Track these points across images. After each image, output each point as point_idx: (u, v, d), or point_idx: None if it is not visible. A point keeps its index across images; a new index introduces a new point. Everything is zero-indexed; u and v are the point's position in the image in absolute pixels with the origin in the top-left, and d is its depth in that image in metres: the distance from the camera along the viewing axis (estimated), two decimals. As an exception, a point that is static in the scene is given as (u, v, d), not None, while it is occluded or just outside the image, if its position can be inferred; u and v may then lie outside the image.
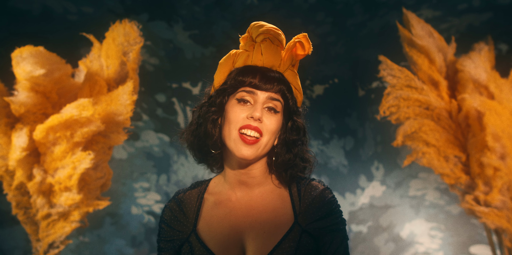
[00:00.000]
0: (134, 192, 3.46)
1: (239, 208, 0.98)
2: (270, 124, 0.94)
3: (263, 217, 0.95)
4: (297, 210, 0.97)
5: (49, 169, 1.85)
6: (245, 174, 0.98)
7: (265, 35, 0.95)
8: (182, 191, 1.04)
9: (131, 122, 1.88)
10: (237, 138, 0.92)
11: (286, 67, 0.98)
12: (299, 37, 0.98)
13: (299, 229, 0.95)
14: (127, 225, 3.38)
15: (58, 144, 1.81)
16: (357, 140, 4.18)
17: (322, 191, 1.00)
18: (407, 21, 2.44)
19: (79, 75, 2.15)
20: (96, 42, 2.16)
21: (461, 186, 2.20)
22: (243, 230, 0.95)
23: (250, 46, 0.98)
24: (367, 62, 3.69)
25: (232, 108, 0.94)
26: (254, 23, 0.98)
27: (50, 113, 1.91)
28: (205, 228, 0.97)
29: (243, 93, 0.94)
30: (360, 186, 4.09)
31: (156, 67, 3.65)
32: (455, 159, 2.18)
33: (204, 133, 0.96)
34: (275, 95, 0.95)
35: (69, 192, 1.81)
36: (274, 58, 0.96)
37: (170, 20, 3.66)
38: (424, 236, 3.84)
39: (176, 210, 1.00)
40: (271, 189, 1.00)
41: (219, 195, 1.01)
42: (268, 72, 0.96)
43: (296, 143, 0.98)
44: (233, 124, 0.93)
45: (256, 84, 0.94)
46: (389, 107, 2.23)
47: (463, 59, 2.31)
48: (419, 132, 2.16)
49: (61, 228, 1.83)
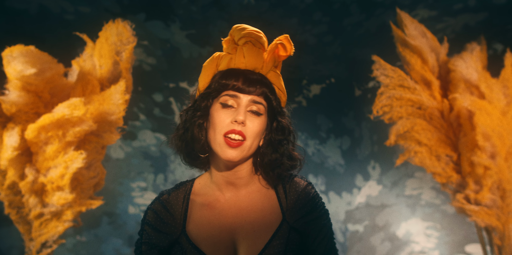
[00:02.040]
0: (131, 191, 3.46)
1: (228, 208, 0.99)
2: (253, 127, 0.96)
3: (252, 217, 0.97)
4: (284, 208, 0.99)
5: (41, 168, 1.85)
6: (232, 175, 0.99)
7: (246, 38, 0.97)
8: (165, 192, 1.04)
9: (127, 122, 1.87)
10: (222, 142, 0.94)
11: (269, 69, 1.00)
12: (280, 38, 0.99)
13: (287, 226, 0.97)
14: (124, 224, 3.38)
15: (50, 143, 1.81)
16: (353, 139, 4.18)
17: (305, 187, 1.02)
18: (401, 21, 2.43)
19: (72, 75, 2.15)
20: (90, 42, 2.16)
21: (452, 185, 2.20)
22: (233, 230, 0.96)
23: (232, 49, 1.00)
24: (364, 62, 3.68)
25: (216, 113, 0.96)
26: (236, 26, 1.00)
27: (42, 112, 1.91)
28: (195, 229, 0.97)
29: (226, 97, 0.96)
30: (357, 185, 4.09)
31: (153, 67, 3.65)
32: (447, 158, 2.18)
33: (191, 138, 0.98)
34: (258, 98, 0.97)
35: (62, 192, 1.81)
36: (256, 60, 0.98)
37: (167, 20, 3.65)
38: (420, 235, 3.84)
39: (161, 211, 1.00)
40: (257, 189, 1.02)
41: (206, 196, 1.01)
42: (251, 75, 0.97)
43: (281, 143, 1.00)
44: (218, 129, 0.95)
45: (239, 87, 0.96)
46: (382, 106, 2.23)
47: (455, 59, 2.31)
48: (411, 131, 2.16)
49: (53, 228, 1.83)
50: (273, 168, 0.99)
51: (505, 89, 2.26)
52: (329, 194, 4.02)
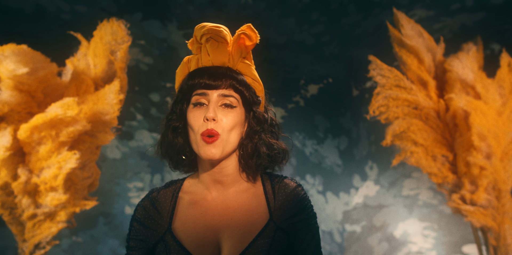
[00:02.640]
0: (127, 191, 3.45)
1: (214, 207, 0.99)
2: (226, 121, 0.96)
3: (238, 216, 0.98)
4: (271, 208, 0.99)
5: (34, 169, 1.84)
6: (218, 173, 0.99)
7: (207, 35, 0.97)
8: (156, 189, 1.05)
9: (124, 122, 1.85)
10: (200, 140, 0.95)
11: (237, 61, 1.00)
12: (242, 28, 0.99)
13: (274, 225, 0.97)
14: (120, 225, 3.37)
15: (43, 143, 1.79)
16: (351, 139, 4.18)
17: (294, 188, 1.02)
18: (397, 21, 2.43)
19: (66, 74, 2.14)
20: (84, 41, 2.15)
21: (448, 185, 2.20)
22: (219, 229, 0.97)
23: (197, 49, 1.00)
24: (361, 62, 3.67)
25: (190, 114, 0.97)
26: (197, 26, 0.99)
27: (35, 112, 1.90)
28: (181, 227, 0.98)
29: (196, 97, 0.96)
30: (354, 186, 4.09)
31: (150, 67, 3.63)
32: (443, 158, 2.18)
33: (167, 143, 0.99)
34: (227, 92, 0.96)
35: (55, 192, 1.80)
36: (221, 55, 0.98)
37: (164, 19, 3.64)
38: (417, 235, 3.83)
39: (150, 208, 1.01)
40: (245, 188, 1.02)
41: (194, 195, 1.02)
42: (216, 70, 0.97)
43: (257, 132, 1.00)
44: (195, 130, 0.96)
45: (206, 83, 0.95)
46: (379, 107, 2.22)
47: (451, 59, 2.31)
48: (407, 132, 2.16)
49: (47, 229, 1.81)
50: (251, 157, 1.00)
51: (501, 90, 2.26)
52: (326, 194, 4.02)
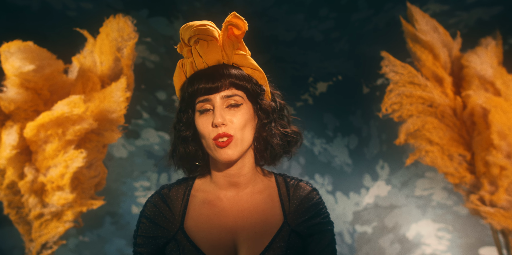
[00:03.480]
0: (134, 191, 3.45)
1: (229, 208, 0.98)
2: (236, 121, 0.94)
3: (253, 218, 0.96)
4: (286, 210, 0.99)
5: (41, 168, 1.84)
6: (234, 174, 0.99)
7: (194, 37, 0.95)
8: (166, 186, 1.03)
9: (130, 120, 1.84)
10: (213, 145, 0.94)
11: (231, 55, 0.97)
12: (228, 19, 0.96)
13: (288, 228, 0.97)
14: (127, 224, 3.38)
15: (50, 141, 1.80)
16: (361, 138, 4.14)
17: (309, 192, 1.03)
18: (411, 15, 2.38)
19: (72, 72, 2.14)
20: (90, 38, 2.15)
21: (466, 186, 2.15)
22: (234, 231, 0.96)
23: (188, 52, 0.97)
24: (372, 59, 3.63)
25: (198, 122, 0.96)
26: (181, 28, 0.97)
27: (41, 110, 1.90)
28: (194, 226, 0.96)
29: (200, 104, 0.95)
30: (365, 186, 4.05)
31: (157, 64, 3.63)
32: (460, 157, 2.13)
33: (179, 154, 0.99)
34: (229, 92, 0.95)
35: (62, 191, 1.80)
36: (214, 54, 0.96)
37: (171, 16, 3.63)
38: (431, 237, 3.78)
39: (161, 205, 0.99)
40: (260, 189, 1.01)
41: (207, 193, 1.01)
42: (212, 71, 0.95)
43: (266, 125, 0.99)
44: (206, 136, 0.95)
45: (206, 88, 0.93)
46: (392, 104, 2.18)
47: (468, 55, 2.25)
48: (422, 130, 2.12)
49: (54, 228, 1.82)
50: (265, 150, 0.99)
51: (522, 86, 2.20)
52: (336, 194, 3.99)
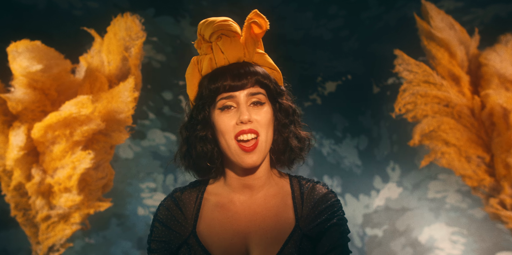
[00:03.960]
0: (140, 192, 3.45)
1: (242, 212, 0.97)
2: (261, 119, 0.93)
3: (266, 222, 0.95)
4: (298, 214, 0.97)
5: (48, 169, 1.84)
6: (250, 178, 0.97)
7: (218, 33, 0.93)
8: (179, 189, 1.02)
9: (136, 121, 1.84)
10: (236, 148, 0.92)
11: (252, 53, 0.96)
12: (250, 16, 0.94)
13: (300, 233, 0.95)
14: (133, 226, 3.37)
15: (57, 142, 1.79)
16: (371, 139, 4.10)
17: (325, 194, 0.99)
18: (426, 12, 2.35)
19: (79, 72, 2.14)
20: (98, 37, 2.15)
21: (485, 189, 2.11)
22: (247, 236, 0.94)
23: (207, 48, 0.95)
24: (383, 58, 3.59)
25: (219, 119, 0.93)
26: (201, 24, 0.95)
27: (49, 111, 1.90)
28: (206, 230, 0.95)
29: (222, 101, 0.93)
30: (375, 188, 4.01)
31: (163, 64, 3.63)
32: (478, 159, 2.09)
33: (196, 154, 0.96)
34: (254, 89, 0.93)
35: (69, 193, 1.80)
36: (236, 51, 0.94)
37: (177, 15, 3.63)
38: (445, 241, 3.73)
39: (173, 209, 0.98)
40: (274, 193, 1.00)
41: (220, 197, 0.99)
42: (237, 68, 0.93)
43: (286, 126, 0.97)
44: (227, 135, 0.92)
45: (231, 85, 0.91)
46: (405, 104, 2.15)
47: (487, 53, 2.21)
48: (438, 131, 2.08)
49: (61, 231, 1.81)
50: (283, 153, 0.97)
51: (545, 85, 2.15)
52: (345, 196, 3.95)
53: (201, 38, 0.95)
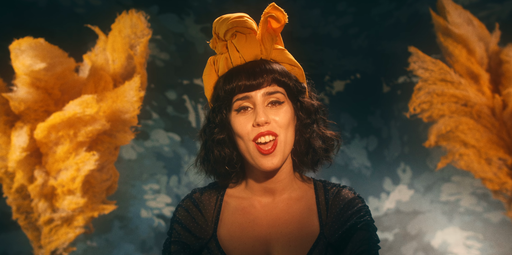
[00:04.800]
0: (143, 194, 3.44)
1: (264, 216, 0.94)
2: (280, 120, 0.89)
3: (289, 228, 0.93)
4: (323, 221, 0.94)
5: (51, 171, 1.82)
6: (271, 181, 0.95)
7: (232, 30, 0.90)
8: (198, 190, 0.99)
9: (139, 121, 1.83)
10: (254, 151, 0.90)
11: (270, 50, 0.92)
12: (267, 11, 0.91)
13: (325, 241, 0.92)
14: (136, 229, 3.36)
15: (61, 143, 1.77)
16: (381, 139, 4.06)
17: (351, 200, 0.96)
18: (442, 7, 2.30)
19: (83, 70, 2.12)
20: (102, 35, 2.12)
21: (507, 192, 2.06)
22: (268, 242, 0.92)
23: (223, 47, 0.93)
24: (393, 56, 3.55)
25: (236, 121, 0.91)
26: (216, 21, 0.93)
27: (52, 110, 1.89)
28: (226, 235, 0.93)
29: (239, 102, 0.90)
30: (385, 190, 3.97)
31: (167, 63, 3.61)
32: (500, 161, 2.05)
33: (214, 158, 0.94)
34: (271, 88, 0.90)
35: (73, 196, 1.78)
36: (252, 48, 0.91)
37: (181, 13, 3.61)
38: (459, 246, 3.68)
39: (193, 210, 0.96)
40: (297, 197, 0.97)
41: (241, 200, 0.97)
42: (252, 67, 0.90)
43: (308, 126, 0.94)
44: (245, 137, 0.90)
45: (246, 85, 0.89)
46: (420, 103, 2.11)
47: (509, 49, 2.16)
48: (455, 131, 2.04)
49: (64, 234, 1.79)
50: (306, 154, 0.94)
51: None
52: (354, 199, 3.92)
53: (216, 37, 0.93)
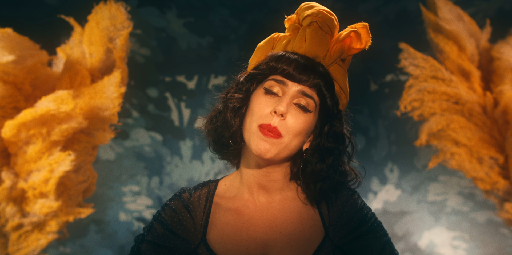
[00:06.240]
0: (122, 196, 3.37)
1: (259, 217, 0.91)
2: (294, 124, 0.86)
3: (288, 229, 0.90)
4: (326, 221, 0.92)
5: (21, 172, 1.75)
6: (264, 176, 0.92)
7: (312, 18, 0.87)
8: (187, 190, 0.95)
9: (119, 119, 1.78)
10: (256, 130, 0.86)
11: (333, 61, 0.90)
12: (356, 26, 0.89)
13: (331, 244, 0.90)
14: (114, 233, 3.28)
15: (32, 143, 1.70)
16: (368, 139, 4.09)
17: (350, 196, 0.95)
18: (433, 3, 2.32)
19: (57, 64, 2.04)
20: (77, 26, 2.05)
21: (498, 192, 2.09)
22: (266, 244, 0.89)
23: (294, 30, 0.91)
24: (381, 53, 3.57)
25: (257, 99, 0.88)
26: (304, 4, 0.91)
27: (22, 107, 1.82)
28: (218, 238, 0.89)
29: (272, 83, 0.88)
30: (372, 190, 4.00)
31: (147, 59, 3.55)
32: (491, 160, 2.07)
33: (222, 122, 0.91)
34: (309, 91, 0.87)
35: (45, 199, 1.70)
36: (319, 46, 0.88)
37: (163, 6, 3.55)
38: (446, 246, 3.75)
39: (182, 211, 0.92)
40: (293, 196, 0.94)
41: (233, 200, 0.93)
42: (307, 62, 0.87)
43: (332, 152, 0.89)
44: (255, 117, 0.87)
45: (289, 73, 0.86)
46: (411, 101, 2.11)
47: (500, 46, 2.19)
48: (447, 130, 2.05)
49: (35, 241, 1.72)
50: (315, 180, 0.89)
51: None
52: (342, 200, 3.94)
53: (296, 17, 0.92)
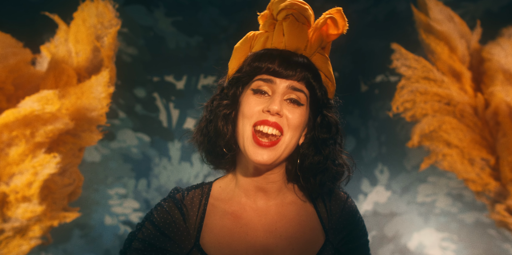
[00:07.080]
0: (108, 199, 3.31)
1: (257, 220, 0.90)
2: (293, 119, 0.85)
3: (289, 233, 0.89)
4: (326, 225, 0.92)
5: (2, 175, 1.69)
6: (264, 178, 0.91)
7: (288, 11, 0.87)
8: (180, 190, 0.93)
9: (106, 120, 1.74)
10: (249, 137, 0.85)
11: (314, 50, 0.90)
12: (331, 12, 0.89)
13: (332, 247, 0.91)
14: (99, 237, 3.22)
15: (15, 144, 1.65)
16: (359, 140, 4.11)
17: (346, 200, 0.97)
18: (424, 3, 2.35)
19: (41, 63, 1.99)
20: (63, 24, 2.00)
21: (489, 194, 2.12)
22: (266, 248, 0.88)
23: (270, 26, 0.91)
24: (371, 54, 3.60)
25: (246, 100, 0.87)
26: None
27: (4, 107, 1.76)
28: (214, 242, 0.88)
29: (260, 83, 0.87)
30: (363, 191, 4.03)
31: (135, 58, 3.51)
32: (482, 162, 2.10)
33: (214, 131, 0.89)
34: (298, 85, 0.87)
35: (28, 203, 1.66)
36: (298, 39, 0.88)
37: (150, 5, 3.52)
38: (435, 247, 3.79)
39: (175, 213, 0.90)
40: (292, 199, 0.94)
41: (229, 203, 0.91)
42: (290, 56, 0.87)
43: (327, 142, 0.89)
44: (247, 119, 0.86)
45: (275, 70, 0.86)
46: (403, 102, 2.13)
47: (490, 47, 2.23)
48: (438, 131, 2.07)
49: (16, 247, 1.67)
50: (315, 173, 0.89)
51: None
52: (332, 201, 3.95)
53: (269, 13, 0.91)
